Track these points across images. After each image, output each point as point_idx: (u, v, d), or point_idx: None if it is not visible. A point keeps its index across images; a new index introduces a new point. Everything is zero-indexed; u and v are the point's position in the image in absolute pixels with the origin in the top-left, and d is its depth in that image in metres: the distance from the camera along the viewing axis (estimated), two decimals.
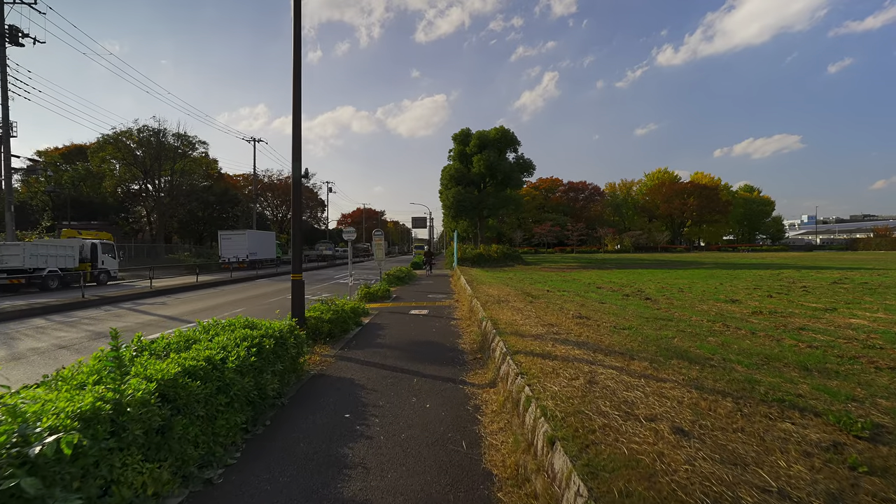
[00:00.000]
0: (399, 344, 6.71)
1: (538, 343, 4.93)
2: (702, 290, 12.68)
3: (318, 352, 6.19)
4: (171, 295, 15.27)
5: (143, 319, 9.99)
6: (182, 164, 39.47)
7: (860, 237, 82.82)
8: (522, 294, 10.39)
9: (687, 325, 6.84)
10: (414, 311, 10.24)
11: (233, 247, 33.35)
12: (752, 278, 16.82)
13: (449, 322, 8.60)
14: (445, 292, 14.49)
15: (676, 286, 14.05)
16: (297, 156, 6.29)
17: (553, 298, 9.82)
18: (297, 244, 6.39)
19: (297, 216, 6.33)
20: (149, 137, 36.79)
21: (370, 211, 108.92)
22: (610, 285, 14.69)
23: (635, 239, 76.49)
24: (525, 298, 9.43)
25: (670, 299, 10.45)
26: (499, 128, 32.76)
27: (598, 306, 8.60)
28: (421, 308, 10.69)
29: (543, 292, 11.41)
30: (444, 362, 5.61)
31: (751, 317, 7.82)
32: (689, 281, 15.97)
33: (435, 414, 3.87)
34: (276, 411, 3.94)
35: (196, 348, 3.49)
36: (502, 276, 18.85)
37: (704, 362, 4.41)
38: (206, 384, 3.04)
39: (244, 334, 4.10)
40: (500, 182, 32.47)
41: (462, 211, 32.44)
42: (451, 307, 10.82)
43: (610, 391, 3.22)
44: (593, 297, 10.84)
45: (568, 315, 7.16)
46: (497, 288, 11.97)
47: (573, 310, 7.81)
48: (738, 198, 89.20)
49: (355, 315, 8.24)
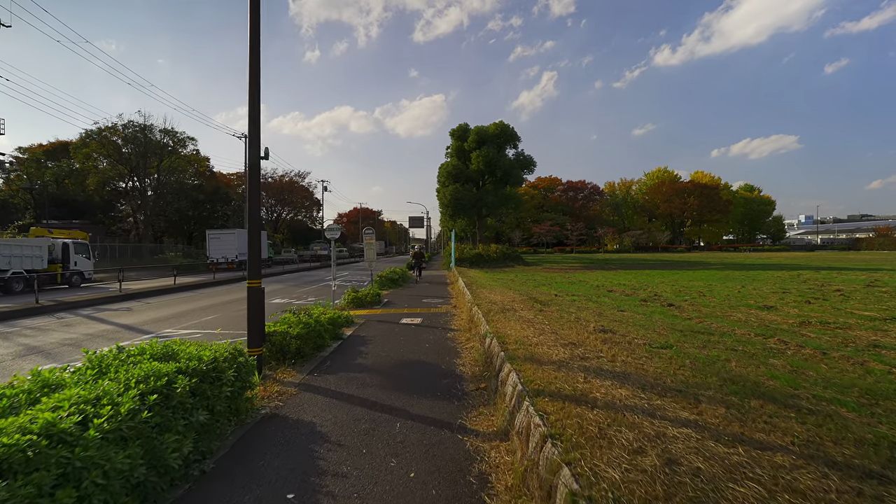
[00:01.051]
0: (383, 366, 5.45)
1: (563, 375, 3.68)
2: (724, 294, 11.48)
3: (279, 377, 4.93)
4: (141, 299, 13.96)
5: (94, 330, 8.70)
6: (170, 161, 38.03)
7: (862, 237, 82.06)
8: (528, 300, 9.15)
9: (734, 340, 5.63)
10: (406, 319, 8.98)
11: (221, 247, 32.05)
12: (771, 280, 15.64)
13: (445, 334, 7.36)
14: (442, 296, 13.25)
15: (694, 289, 12.85)
16: (256, 131, 5.03)
17: (564, 305, 8.59)
18: (254, 243, 5.11)
19: (254, 207, 5.05)
20: (134, 133, 35.36)
21: (367, 210, 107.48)
22: (621, 288, 13.48)
23: (635, 239, 75.45)
24: (533, 306, 8.19)
25: (695, 305, 9.25)
26: (498, 123, 31.50)
27: (618, 315, 7.38)
28: (414, 316, 9.44)
29: (551, 297, 10.18)
30: (438, 394, 4.36)
31: (801, 328, 6.62)
32: (704, 283, 14.78)
33: (422, 492, 2.63)
34: (186, 489, 2.68)
35: (46, 402, 2.23)
36: (503, 278, 17.62)
37: (795, 405, 3.18)
38: (28, 477, 1.79)
39: (149, 370, 2.84)
40: (500, 179, 31.15)
41: (460, 209, 31.14)
42: (448, 315, 9.58)
43: (707, 482, 1.98)
44: (607, 302, 9.62)
45: (588, 328, 5.92)
46: (499, 292, 10.73)
47: (592, 321, 6.58)
48: (739, 197, 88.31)
49: (335, 327, 6.98)
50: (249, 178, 4.99)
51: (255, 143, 4.99)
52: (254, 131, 5.01)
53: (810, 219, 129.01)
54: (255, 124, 5.01)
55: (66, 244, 18.58)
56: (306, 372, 5.16)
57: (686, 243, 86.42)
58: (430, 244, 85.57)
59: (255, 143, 4.99)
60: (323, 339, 6.15)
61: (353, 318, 8.85)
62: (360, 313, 9.93)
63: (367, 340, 6.92)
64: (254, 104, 4.95)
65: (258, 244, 5.04)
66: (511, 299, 9.13)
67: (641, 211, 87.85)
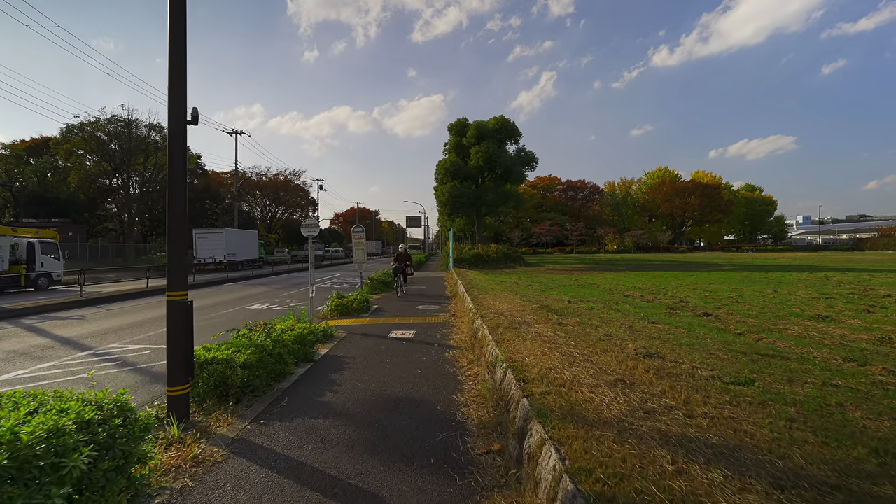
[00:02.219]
0: (358, 406, 4.05)
1: (634, 451, 2.29)
2: (758, 300, 10.13)
3: (212, 427, 3.53)
4: (103, 305, 12.50)
5: (22, 345, 7.25)
6: (156, 157, 36.47)
7: (865, 237, 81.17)
8: (540, 308, 7.75)
9: (821, 369, 4.26)
10: (396, 332, 7.58)
11: (209, 246, 30.59)
12: (800, 283, 14.32)
13: (442, 354, 5.96)
14: (439, 302, 11.86)
15: (720, 294, 11.50)
16: (179, 83, 3.62)
17: (584, 315, 7.21)
18: (178, 237, 3.67)
19: (175, 191, 3.62)
20: (118, 128, 33.81)
21: (364, 210, 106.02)
22: (637, 292, 12.13)
23: (637, 239, 74.25)
24: (548, 317, 6.79)
25: (735, 315, 7.90)
26: (498, 117, 30.10)
27: (653, 330, 6.01)
28: (405, 327, 8.04)
29: (565, 305, 8.80)
30: (432, 462, 2.97)
31: (887, 347, 5.27)
32: (728, 287, 13.44)
33: None
34: None
35: None
36: (506, 281, 16.24)
37: None
38: None
39: None
40: (500, 176, 29.72)
41: (458, 207, 29.70)
42: (447, 326, 8.18)
43: None
44: (630, 310, 8.25)
45: (627, 351, 4.55)
46: (504, 298, 9.34)
47: (627, 339, 5.20)
48: (740, 197, 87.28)
49: (304, 346, 5.57)
50: (170, 150, 3.56)
51: (179, 99, 3.57)
52: (176, 83, 3.59)
53: (808, 219, 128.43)
54: (177, 74, 3.59)
55: (31, 244, 17.09)
56: (250, 417, 3.75)
57: (687, 243, 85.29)
58: (427, 244, 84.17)
59: (179, 99, 3.57)
60: (284, 366, 4.73)
61: (333, 331, 7.44)
62: (343, 323, 8.52)
63: (344, 363, 5.52)
64: (176, 43, 3.54)
65: (183, 240, 3.62)
66: (520, 308, 7.74)
67: (642, 211, 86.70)
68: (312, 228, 7.80)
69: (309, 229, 7.84)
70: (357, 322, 8.69)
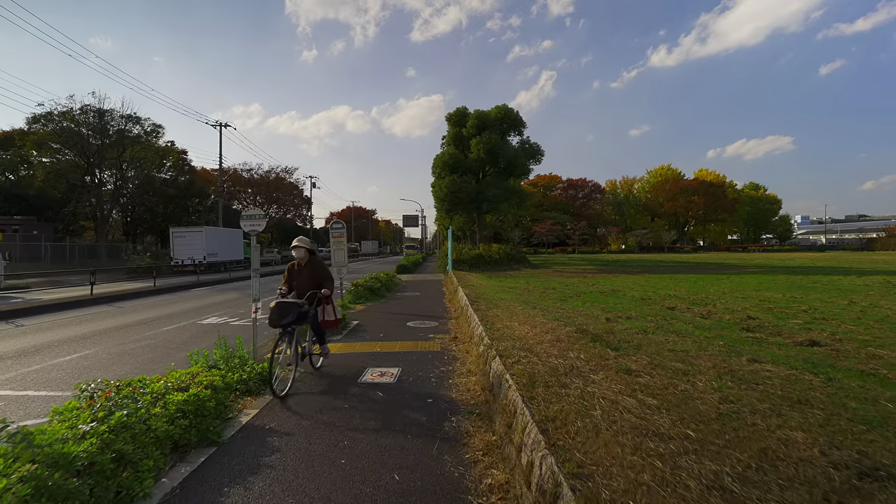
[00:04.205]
0: None
1: None
2: (849, 316, 7.86)
3: None
4: (16, 320, 10.10)
5: None
6: (133, 151, 33.94)
7: (874, 237, 79.42)
8: (579, 334, 5.39)
9: None
10: (371, 372, 5.26)
11: (188, 246, 28.12)
12: (864, 290, 12.09)
13: (441, 426, 3.66)
14: (436, 315, 9.54)
15: (785, 305, 9.23)
16: None
17: (647, 347, 4.90)
18: None
19: None
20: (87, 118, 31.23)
21: (360, 209, 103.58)
22: (678, 302, 9.85)
23: (640, 238, 72.17)
24: (600, 354, 4.44)
25: (847, 341, 5.64)
26: (501, 106, 27.74)
27: (771, 381, 3.70)
28: (388, 360, 5.72)
29: (605, 325, 6.50)
30: None
31: None
32: (785, 296, 11.18)
33: None
34: None
35: None
36: (515, 287, 13.94)
37: None
38: None
39: None
40: (503, 170, 27.36)
41: (457, 204, 27.33)
42: (447, 358, 5.87)
43: None
44: (690, 332, 6.00)
45: (812, 459, 2.27)
46: (523, 315, 7.02)
47: (765, 409, 2.89)
48: (745, 196, 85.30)
49: (204, 418, 3.24)
50: None
51: None
52: None
53: (806, 219, 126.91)
54: None
55: None
56: None
57: (690, 243, 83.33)
58: (425, 244, 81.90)
59: None
60: (132, 488, 2.39)
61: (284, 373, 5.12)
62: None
63: (268, 452, 3.19)
64: None
65: None
66: (549, 334, 5.41)
67: (644, 210, 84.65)
68: (256, 221, 5.46)
69: (251, 222, 5.50)
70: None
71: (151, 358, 6.40)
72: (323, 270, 5.26)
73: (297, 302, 4.66)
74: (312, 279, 5.14)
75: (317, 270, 5.22)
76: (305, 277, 5.15)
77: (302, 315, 4.62)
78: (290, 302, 4.60)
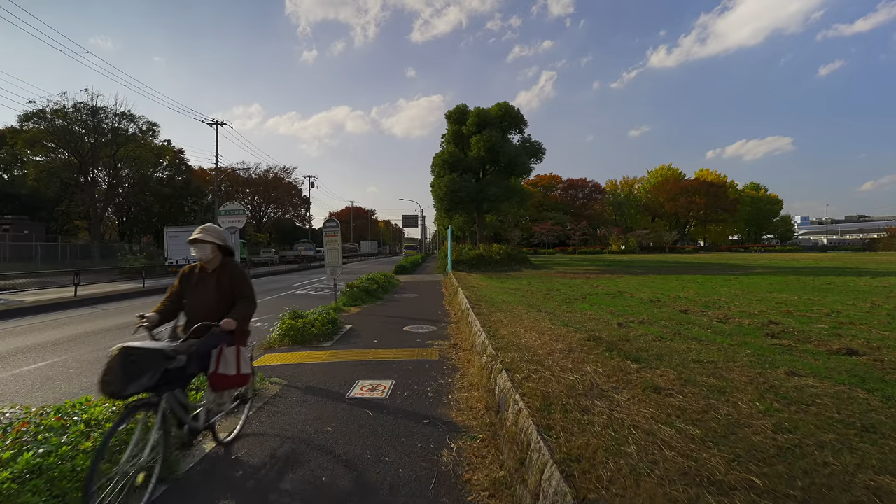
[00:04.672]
0: None
1: None
2: (877, 321, 7.34)
3: None
4: (2, 321, 9.58)
5: None
6: (127, 150, 33.36)
7: (876, 237, 78.97)
8: (592, 342, 4.87)
9: None
10: (362, 385, 4.72)
11: (182, 246, 27.62)
12: (872, 291, 11.57)
13: (439, 454, 3.12)
14: (435, 318, 9.00)
15: (805, 308, 8.70)
16: None
17: (669, 357, 4.37)
18: None
19: None
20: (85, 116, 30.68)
21: (359, 209, 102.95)
22: (689, 304, 9.32)
23: (641, 239, 71.64)
24: (620, 366, 3.90)
25: (881, 349, 5.11)
26: (501, 103, 27.19)
27: (822, 400, 3.17)
28: (381, 371, 5.19)
29: (617, 331, 5.97)
30: None
31: None
32: (801, 298, 10.66)
33: None
34: None
35: None
36: (517, 288, 13.43)
37: None
38: None
39: None
40: (504, 168, 26.80)
41: (457, 203, 26.77)
42: (446, 368, 5.34)
43: None
44: (709, 338, 5.45)
45: None
46: (528, 320, 6.49)
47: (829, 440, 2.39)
48: (746, 196, 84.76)
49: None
50: None
51: None
52: None
53: (805, 220, 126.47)
54: None
55: None
56: None
57: (691, 244, 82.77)
58: (424, 244, 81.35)
59: None
60: None
61: (262, 381, 4.59)
62: (290, 361, 5.66)
63: (228, 492, 2.67)
64: None
65: None
66: (560, 341, 4.88)
67: (645, 210, 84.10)
68: (235, 218, 4.92)
69: (230, 218, 4.96)
70: (311, 358, 5.82)
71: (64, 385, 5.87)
72: (241, 283, 3.12)
73: (162, 349, 2.40)
74: (220, 297, 3.05)
75: (229, 282, 3.09)
76: (208, 293, 3.06)
77: (173, 376, 2.47)
78: (145, 349, 2.33)
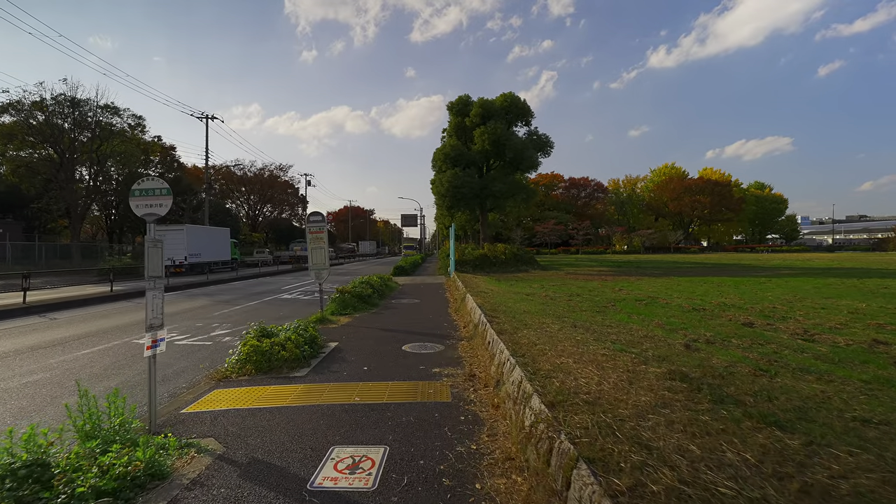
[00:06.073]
0: None
1: None
2: None
3: None
4: None
5: None
6: (111, 145, 31.62)
7: (885, 237, 77.66)
8: (681, 382, 3.27)
9: None
10: (339, 455, 3.09)
11: (169, 246, 25.92)
12: None
13: None
14: (441, 332, 7.37)
15: (881, 316, 7.10)
16: None
17: (818, 413, 2.76)
18: None
19: None
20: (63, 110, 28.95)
21: (357, 209, 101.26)
22: (741, 313, 7.68)
23: (645, 239, 70.15)
24: (762, 439, 2.33)
25: None
26: (507, 94, 25.61)
27: None
28: (370, 423, 3.56)
29: (683, 352, 4.36)
30: None
31: None
32: (867, 303, 9.06)
33: None
34: None
35: None
36: (531, 293, 11.80)
37: None
38: None
39: None
40: (509, 163, 25.16)
41: (459, 200, 25.14)
42: (461, 415, 3.72)
43: None
44: (816, 366, 3.82)
45: None
46: (565, 339, 4.87)
47: None
48: (750, 195, 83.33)
49: None
50: None
51: None
52: None
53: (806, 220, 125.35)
54: None
55: None
56: None
57: (695, 243, 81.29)
58: (424, 244, 79.75)
59: None
60: None
61: (190, 445, 2.99)
62: (244, 402, 4.04)
63: None
64: None
65: None
66: (637, 385, 3.29)
67: (648, 209, 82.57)
68: (153, 199, 3.34)
69: (147, 200, 3.38)
70: (274, 398, 4.19)
71: (33, 401, 4.29)
72: None
73: None
74: None
75: None
76: None
77: None
78: None
